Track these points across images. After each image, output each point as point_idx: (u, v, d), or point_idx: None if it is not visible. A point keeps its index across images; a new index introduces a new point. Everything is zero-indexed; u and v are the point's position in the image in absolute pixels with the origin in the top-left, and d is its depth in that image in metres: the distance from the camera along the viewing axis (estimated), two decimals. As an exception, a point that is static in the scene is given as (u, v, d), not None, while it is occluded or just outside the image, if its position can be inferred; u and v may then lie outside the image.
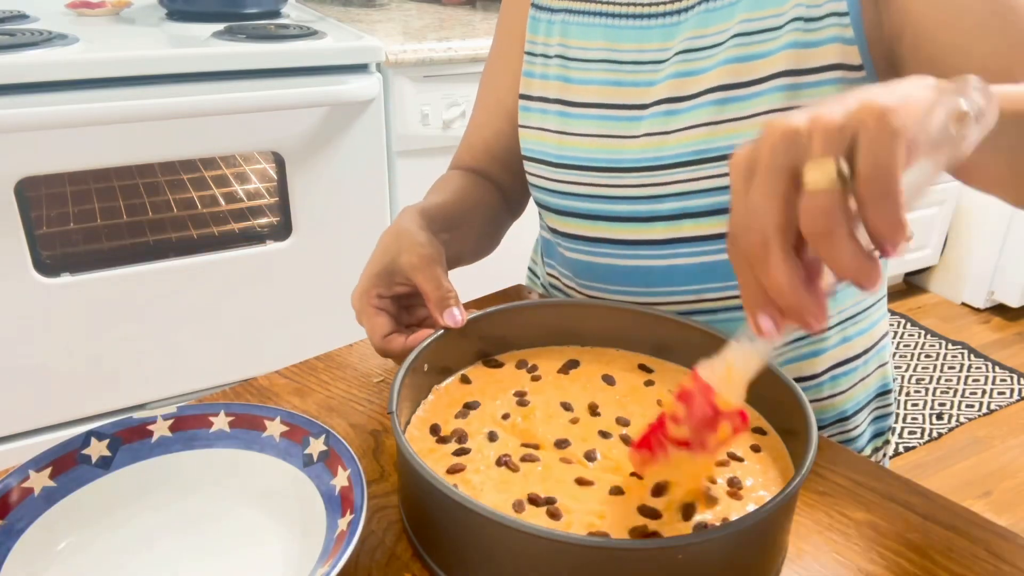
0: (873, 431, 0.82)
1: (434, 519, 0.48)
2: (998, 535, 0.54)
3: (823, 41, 0.63)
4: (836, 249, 0.35)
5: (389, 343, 0.62)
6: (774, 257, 0.37)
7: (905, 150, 0.34)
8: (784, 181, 0.37)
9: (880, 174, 0.34)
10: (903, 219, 0.35)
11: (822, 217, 0.35)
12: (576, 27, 0.75)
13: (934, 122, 0.36)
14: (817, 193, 0.35)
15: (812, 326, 0.38)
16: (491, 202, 0.83)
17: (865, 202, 0.35)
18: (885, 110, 0.35)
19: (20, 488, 0.50)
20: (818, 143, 0.36)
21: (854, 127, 0.35)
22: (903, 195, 0.34)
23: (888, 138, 0.34)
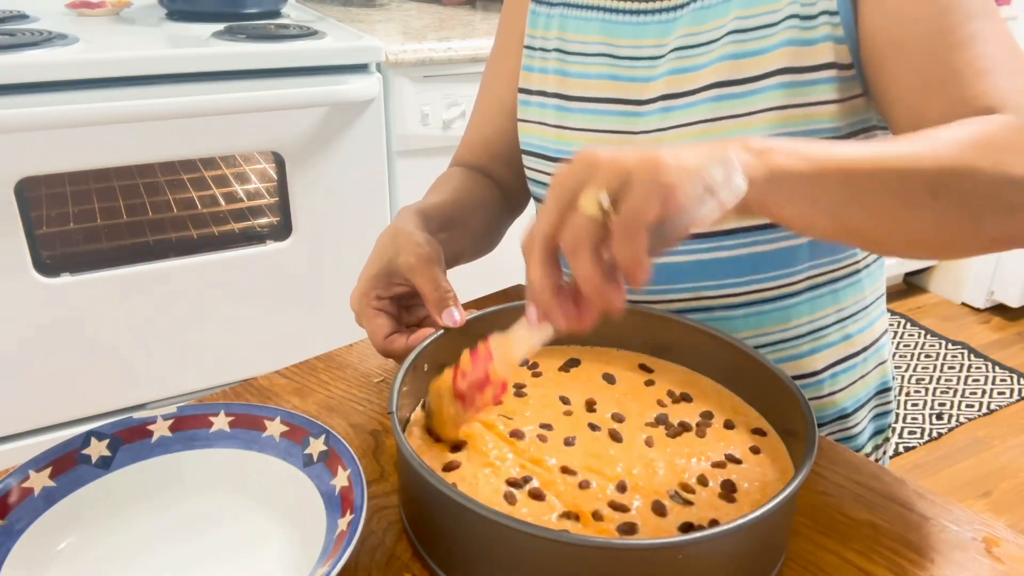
0: (874, 428, 0.82)
1: (434, 519, 0.48)
2: (998, 535, 0.54)
3: (818, 39, 0.63)
4: (579, 264, 0.42)
5: (390, 344, 0.62)
6: (533, 258, 0.44)
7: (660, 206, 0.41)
8: (564, 199, 0.43)
9: (631, 217, 0.41)
10: (642, 259, 0.41)
11: (573, 234, 0.42)
12: (574, 21, 0.75)
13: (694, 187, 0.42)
14: (579, 215, 0.42)
15: (557, 327, 0.46)
16: (491, 200, 0.83)
17: (615, 235, 0.41)
18: (661, 166, 0.41)
19: (20, 488, 0.50)
20: (601, 176, 0.42)
21: (632, 173, 0.41)
22: (645, 240, 0.41)
23: (650, 190, 0.41)
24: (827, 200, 0.47)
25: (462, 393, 0.52)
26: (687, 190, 0.42)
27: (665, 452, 0.55)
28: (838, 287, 0.74)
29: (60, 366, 1.45)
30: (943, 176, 0.48)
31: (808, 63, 0.64)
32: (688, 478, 0.53)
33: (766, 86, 0.64)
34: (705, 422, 0.59)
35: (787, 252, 0.70)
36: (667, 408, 0.60)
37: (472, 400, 0.52)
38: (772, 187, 0.46)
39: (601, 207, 0.41)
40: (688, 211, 0.42)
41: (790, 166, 0.46)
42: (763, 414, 0.60)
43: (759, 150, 0.46)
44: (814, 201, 0.47)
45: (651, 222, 0.41)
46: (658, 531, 0.48)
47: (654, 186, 0.41)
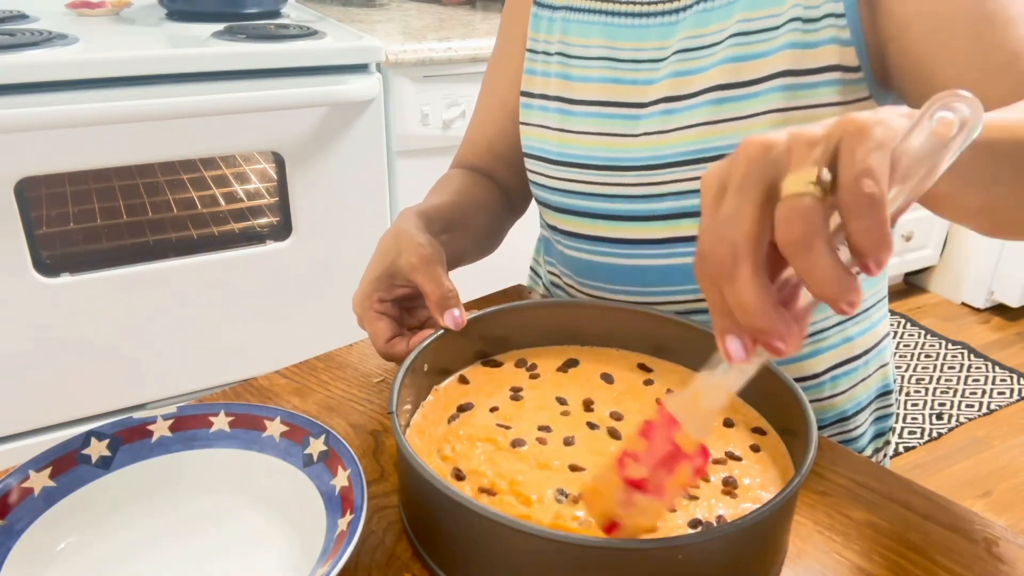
0: (874, 431, 0.82)
1: (434, 519, 0.48)
2: (998, 535, 0.54)
3: (821, 42, 0.63)
4: (812, 260, 0.32)
5: (392, 347, 0.62)
6: (743, 272, 0.34)
7: (888, 162, 0.33)
8: (759, 193, 0.34)
9: (863, 181, 0.32)
10: (887, 233, 0.32)
11: (799, 222, 0.33)
12: (576, 24, 0.75)
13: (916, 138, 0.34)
14: (794, 197, 0.33)
15: (782, 352, 0.35)
16: (492, 201, 0.83)
17: (848, 211, 0.32)
18: (867, 122, 0.33)
19: (20, 488, 0.50)
20: (797, 154, 0.34)
21: (836, 136, 0.34)
22: (887, 207, 0.32)
23: (872, 146, 0.32)
24: (978, 173, 0.43)
25: (639, 482, 0.42)
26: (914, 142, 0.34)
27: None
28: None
29: (60, 366, 1.45)
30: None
31: (809, 66, 0.64)
32: None
33: (767, 89, 0.64)
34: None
35: None
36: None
37: (660, 486, 0.42)
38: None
39: (820, 183, 0.32)
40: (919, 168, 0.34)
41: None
42: (763, 414, 0.60)
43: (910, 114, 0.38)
44: (967, 174, 0.41)
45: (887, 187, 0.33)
46: (666, 527, 0.48)
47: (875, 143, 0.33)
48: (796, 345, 0.35)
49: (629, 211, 0.72)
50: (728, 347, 0.37)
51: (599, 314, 0.67)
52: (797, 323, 0.35)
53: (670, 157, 0.68)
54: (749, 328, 0.35)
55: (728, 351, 0.37)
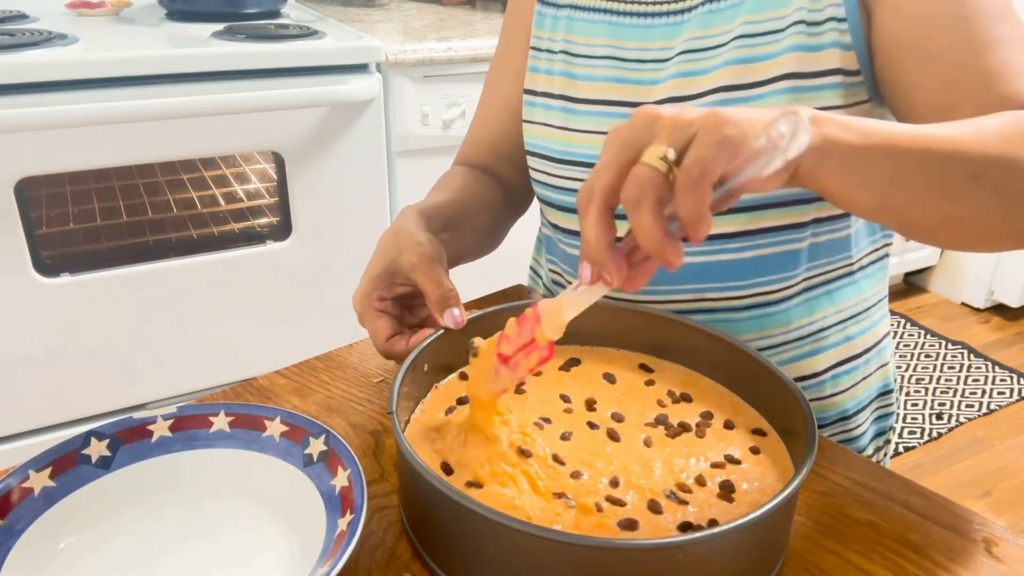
0: (875, 430, 0.82)
1: (434, 519, 0.48)
2: (998, 535, 0.54)
3: (824, 46, 0.63)
4: (639, 217, 0.40)
5: (392, 345, 0.62)
6: (590, 213, 0.43)
7: (727, 158, 0.40)
8: (626, 155, 0.42)
9: (696, 167, 0.39)
10: (705, 211, 0.40)
11: (636, 185, 0.41)
12: (580, 23, 0.75)
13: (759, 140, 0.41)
14: (642, 165, 0.41)
15: (609, 283, 0.44)
16: (493, 199, 0.83)
17: (678, 188, 0.40)
18: (724, 120, 0.40)
19: (20, 488, 0.50)
20: (664, 131, 0.41)
21: (697, 127, 0.41)
22: (709, 194, 0.40)
23: (717, 140, 0.40)
24: (874, 175, 0.48)
25: (506, 357, 0.52)
26: (752, 143, 0.41)
27: (664, 452, 0.55)
28: (833, 288, 0.74)
29: (60, 366, 1.45)
30: (985, 163, 0.49)
31: (813, 68, 0.64)
32: (686, 478, 0.53)
33: (771, 91, 0.64)
34: (705, 422, 0.59)
35: (789, 255, 0.70)
36: (667, 408, 0.60)
37: (516, 364, 0.52)
38: (824, 157, 0.46)
39: (666, 160, 0.40)
40: (753, 165, 0.41)
41: (843, 138, 0.47)
42: (763, 414, 0.60)
43: (813, 118, 0.46)
44: (862, 176, 0.47)
45: (716, 175, 0.40)
46: (656, 529, 0.48)
47: (720, 139, 0.40)
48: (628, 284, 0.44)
49: None
50: (581, 270, 0.46)
51: (600, 314, 0.67)
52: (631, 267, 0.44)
53: None
54: (590, 258, 0.44)
55: (580, 273, 0.46)
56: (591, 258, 0.44)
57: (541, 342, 0.51)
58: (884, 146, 0.48)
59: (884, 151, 0.48)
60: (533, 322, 0.51)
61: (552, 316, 0.49)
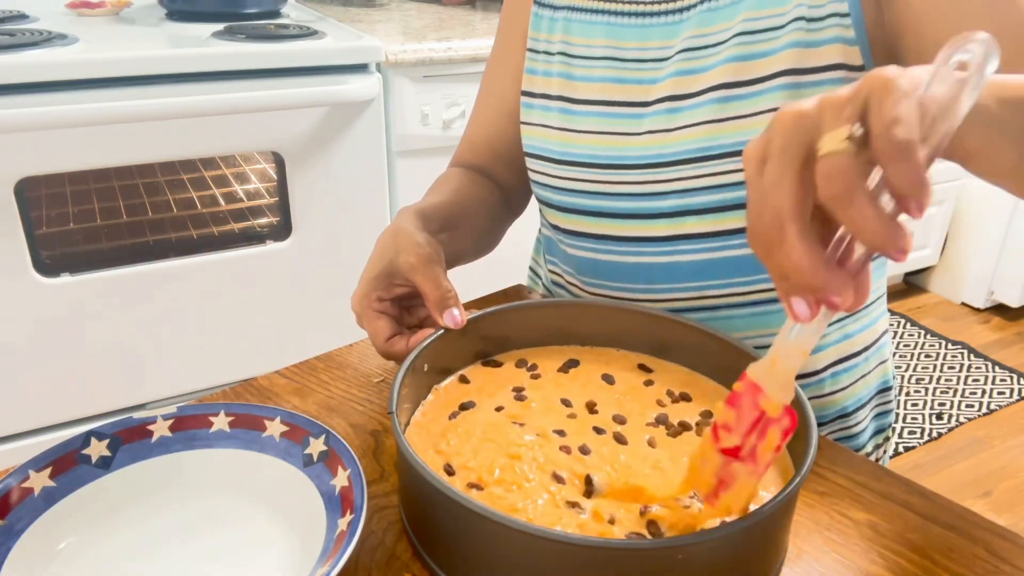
0: (875, 428, 0.82)
1: (434, 519, 0.48)
2: (998, 535, 0.54)
3: (825, 41, 0.63)
4: (856, 211, 0.34)
5: (392, 346, 0.63)
6: (790, 236, 0.36)
7: (917, 109, 0.34)
8: (797, 159, 0.36)
9: (894, 128, 0.33)
10: (923, 174, 0.34)
11: (838, 177, 0.34)
12: (578, 24, 0.75)
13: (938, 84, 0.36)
14: (830, 155, 0.35)
15: (839, 306, 0.37)
16: (491, 200, 0.83)
17: (885, 158, 0.34)
18: (891, 76, 0.35)
19: (20, 488, 0.50)
20: (830, 115, 0.36)
21: (864, 94, 0.35)
22: (920, 149, 0.33)
23: (899, 95, 0.34)
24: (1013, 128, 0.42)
25: (736, 450, 0.43)
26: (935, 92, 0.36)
27: (668, 452, 0.55)
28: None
29: (60, 366, 1.45)
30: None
31: (813, 64, 0.64)
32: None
33: (770, 87, 0.64)
34: (705, 421, 0.59)
35: None
36: (666, 408, 0.60)
37: (754, 452, 0.43)
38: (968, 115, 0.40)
39: (853, 138, 0.34)
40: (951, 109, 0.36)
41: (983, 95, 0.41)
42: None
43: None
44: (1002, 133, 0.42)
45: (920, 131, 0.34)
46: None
47: (900, 92, 0.34)
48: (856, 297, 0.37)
49: (632, 209, 0.72)
50: (794, 308, 0.38)
51: (599, 314, 0.67)
52: (854, 277, 0.37)
53: (674, 155, 0.69)
54: (805, 287, 0.37)
55: (795, 311, 0.38)
56: (814, 285, 0.36)
57: (774, 413, 0.42)
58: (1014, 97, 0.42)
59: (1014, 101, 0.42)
60: (752, 394, 0.43)
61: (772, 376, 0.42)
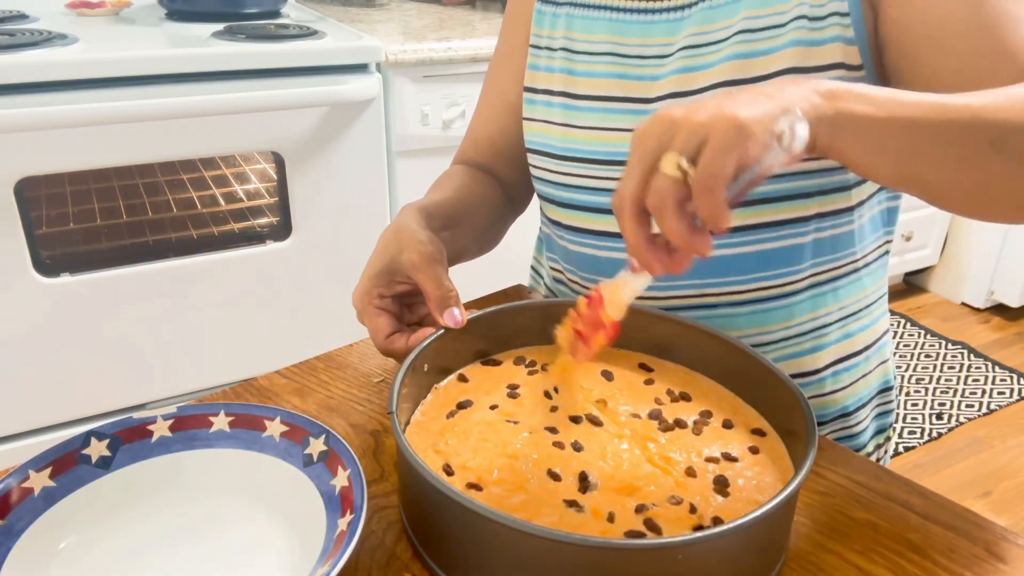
0: (876, 427, 0.82)
1: (434, 519, 0.48)
2: (998, 535, 0.54)
3: (826, 40, 0.63)
4: (665, 220, 0.45)
5: (392, 343, 0.63)
6: (624, 220, 0.47)
7: (735, 162, 0.43)
8: (648, 161, 0.46)
9: (708, 176, 0.43)
10: (722, 211, 0.44)
11: (657, 195, 0.45)
12: (580, 20, 0.75)
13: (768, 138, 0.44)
14: (661, 176, 0.45)
15: (654, 271, 0.48)
16: (493, 198, 0.83)
17: (694, 192, 0.44)
18: (733, 123, 0.43)
19: (20, 488, 0.50)
20: (679, 138, 0.45)
21: (708, 132, 0.44)
22: (723, 194, 0.43)
23: (725, 147, 0.43)
24: (893, 146, 0.49)
25: (580, 332, 0.57)
26: (759, 144, 0.44)
27: (663, 450, 0.55)
28: (839, 285, 0.74)
29: (60, 366, 1.45)
30: (1007, 130, 0.49)
31: (815, 63, 0.64)
32: (678, 475, 0.53)
33: None
34: (703, 420, 0.59)
35: (792, 250, 0.70)
36: (665, 406, 0.60)
37: (588, 340, 0.56)
38: (839, 130, 0.48)
39: (681, 168, 0.44)
40: (761, 162, 0.45)
41: (858, 110, 0.48)
42: (763, 414, 0.60)
43: (828, 92, 0.48)
44: (880, 146, 0.49)
45: (728, 178, 0.43)
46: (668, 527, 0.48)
47: (728, 144, 0.43)
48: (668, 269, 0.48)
49: None
50: (630, 263, 0.51)
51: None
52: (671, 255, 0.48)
53: None
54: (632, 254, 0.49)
55: (631, 262, 0.51)
56: (634, 255, 0.48)
57: (606, 321, 0.55)
58: (902, 116, 0.49)
59: (902, 121, 0.49)
60: (598, 304, 0.55)
61: (613, 298, 0.54)
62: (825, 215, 0.70)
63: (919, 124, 0.49)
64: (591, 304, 0.56)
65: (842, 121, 0.48)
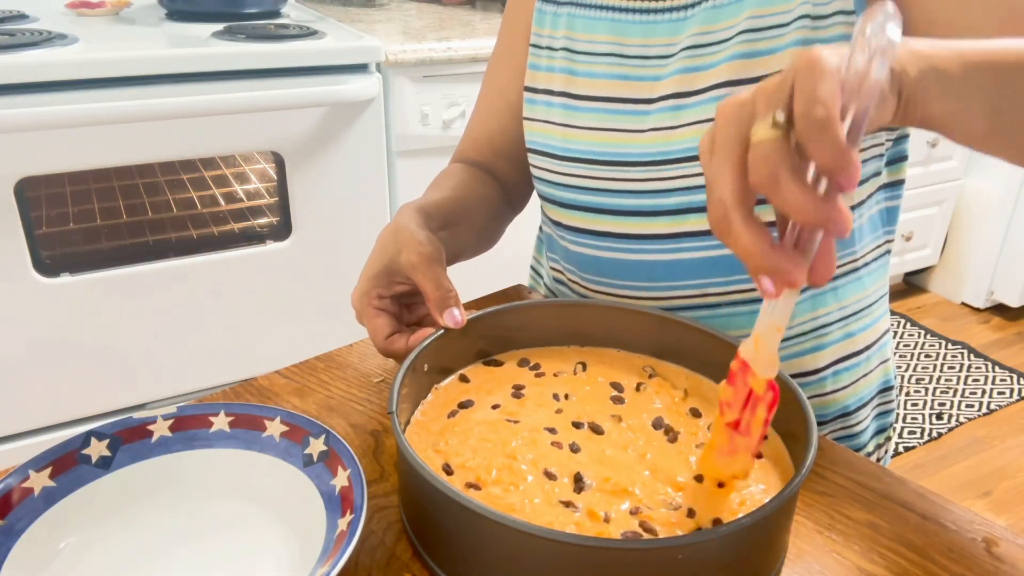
0: (876, 427, 0.82)
1: (434, 519, 0.48)
2: (998, 535, 0.54)
3: (830, 39, 0.63)
4: (783, 192, 0.36)
5: (391, 344, 0.62)
6: (735, 224, 0.39)
7: (837, 86, 0.36)
8: (736, 150, 0.38)
9: (813, 108, 0.35)
10: (844, 148, 0.35)
11: (763, 164, 0.37)
12: (582, 20, 0.75)
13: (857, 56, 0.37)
14: (757, 144, 0.37)
15: (795, 282, 0.39)
16: (492, 197, 0.83)
17: (805, 139, 0.36)
18: (814, 55, 0.37)
19: (20, 488, 0.50)
20: (761, 104, 0.38)
21: (789, 79, 0.37)
22: (840, 130, 0.35)
23: (818, 76, 0.36)
24: (982, 95, 0.44)
25: (736, 423, 0.47)
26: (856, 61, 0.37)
27: (662, 451, 0.55)
28: (839, 284, 0.74)
29: (60, 366, 1.45)
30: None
31: None
32: (683, 481, 0.52)
33: None
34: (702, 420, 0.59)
35: None
36: (671, 418, 0.60)
37: (748, 425, 0.47)
38: (929, 81, 0.42)
39: (778, 124, 0.37)
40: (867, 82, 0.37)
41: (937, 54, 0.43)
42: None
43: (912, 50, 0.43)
44: (970, 98, 0.44)
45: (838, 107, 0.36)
46: (668, 527, 0.48)
47: (821, 72, 0.36)
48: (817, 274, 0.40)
49: (635, 206, 0.72)
50: (762, 284, 0.40)
51: (600, 314, 0.67)
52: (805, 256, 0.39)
53: (678, 152, 0.69)
54: (758, 269, 0.39)
55: (762, 287, 0.41)
56: (764, 267, 0.39)
57: (760, 390, 0.46)
58: (984, 61, 0.44)
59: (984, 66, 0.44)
60: (743, 372, 0.46)
61: (757, 354, 0.45)
62: None
63: (1003, 69, 0.44)
64: (733, 379, 0.46)
65: (931, 71, 0.42)
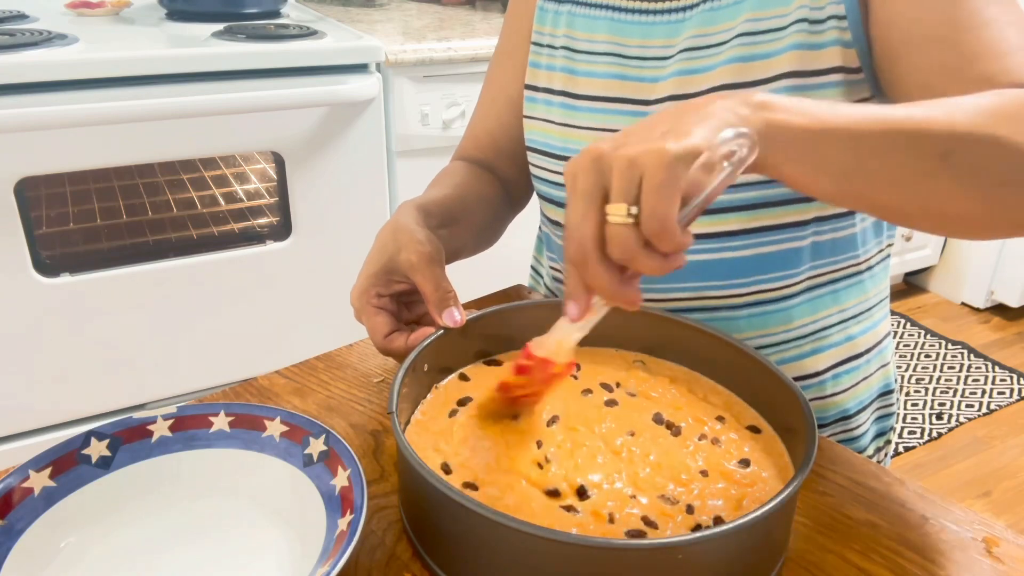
0: (876, 430, 0.82)
1: (434, 519, 0.48)
2: (998, 535, 0.54)
3: (826, 44, 0.63)
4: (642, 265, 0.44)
5: (391, 342, 0.62)
6: (592, 265, 0.45)
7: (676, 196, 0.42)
8: (596, 201, 0.45)
9: (655, 220, 0.42)
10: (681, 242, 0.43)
11: (621, 247, 0.44)
12: (582, 19, 0.75)
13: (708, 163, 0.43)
14: (613, 228, 0.44)
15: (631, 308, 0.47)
16: (492, 195, 0.83)
17: (649, 237, 0.43)
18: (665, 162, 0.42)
19: (20, 488, 0.50)
20: (615, 179, 0.44)
21: (640, 171, 0.43)
22: (676, 229, 0.42)
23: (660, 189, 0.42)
24: (830, 159, 0.47)
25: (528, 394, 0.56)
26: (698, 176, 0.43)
27: (663, 452, 0.55)
28: (839, 288, 0.74)
29: (60, 366, 1.45)
30: (956, 141, 0.47)
31: (815, 67, 0.64)
32: (686, 479, 0.53)
33: (773, 89, 0.64)
34: (703, 422, 0.59)
35: (791, 253, 0.70)
36: (663, 408, 0.60)
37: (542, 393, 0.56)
38: (770, 142, 0.45)
39: (630, 214, 0.43)
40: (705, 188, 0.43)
41: (789, 122, 0.46)
42: (762, 414, 0.60)
43: (758, 104, 0.46)
44: (817, 161, 0.47)
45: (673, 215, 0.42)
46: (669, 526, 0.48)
47: (661, 183, 0.42)
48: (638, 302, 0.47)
49: None
50: (569, 309, 0.49)
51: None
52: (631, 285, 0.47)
53: None
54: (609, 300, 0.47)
55: (568, 312, 0.49)
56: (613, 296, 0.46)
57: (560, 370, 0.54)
58: (838, 128, 0.46)
59: (838, 133, 0.46)
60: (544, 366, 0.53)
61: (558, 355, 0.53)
62: (825, 219, 0.70)
63: (858, 136, 0.47)
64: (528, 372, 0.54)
65: (772, 133, 0.45)
